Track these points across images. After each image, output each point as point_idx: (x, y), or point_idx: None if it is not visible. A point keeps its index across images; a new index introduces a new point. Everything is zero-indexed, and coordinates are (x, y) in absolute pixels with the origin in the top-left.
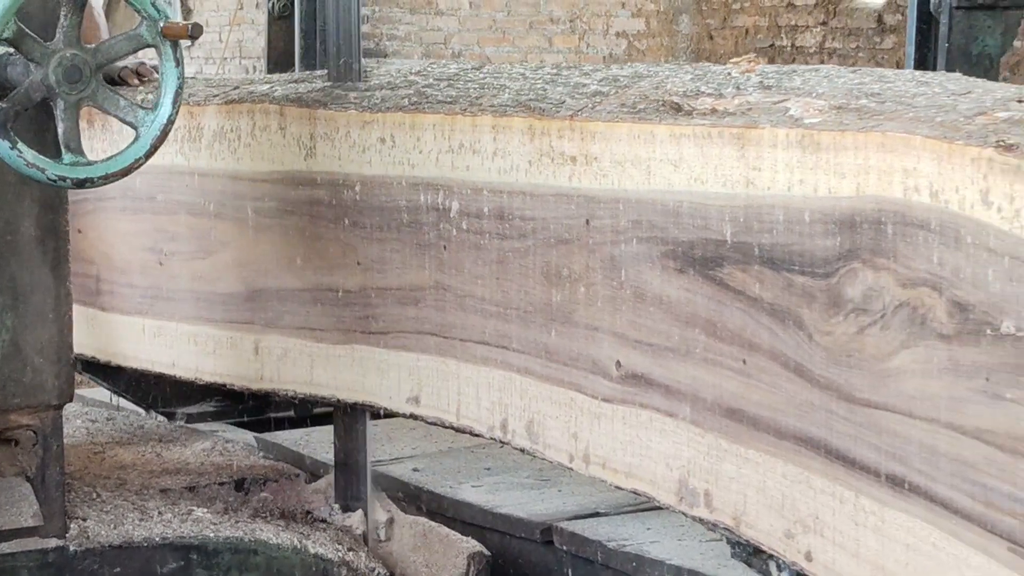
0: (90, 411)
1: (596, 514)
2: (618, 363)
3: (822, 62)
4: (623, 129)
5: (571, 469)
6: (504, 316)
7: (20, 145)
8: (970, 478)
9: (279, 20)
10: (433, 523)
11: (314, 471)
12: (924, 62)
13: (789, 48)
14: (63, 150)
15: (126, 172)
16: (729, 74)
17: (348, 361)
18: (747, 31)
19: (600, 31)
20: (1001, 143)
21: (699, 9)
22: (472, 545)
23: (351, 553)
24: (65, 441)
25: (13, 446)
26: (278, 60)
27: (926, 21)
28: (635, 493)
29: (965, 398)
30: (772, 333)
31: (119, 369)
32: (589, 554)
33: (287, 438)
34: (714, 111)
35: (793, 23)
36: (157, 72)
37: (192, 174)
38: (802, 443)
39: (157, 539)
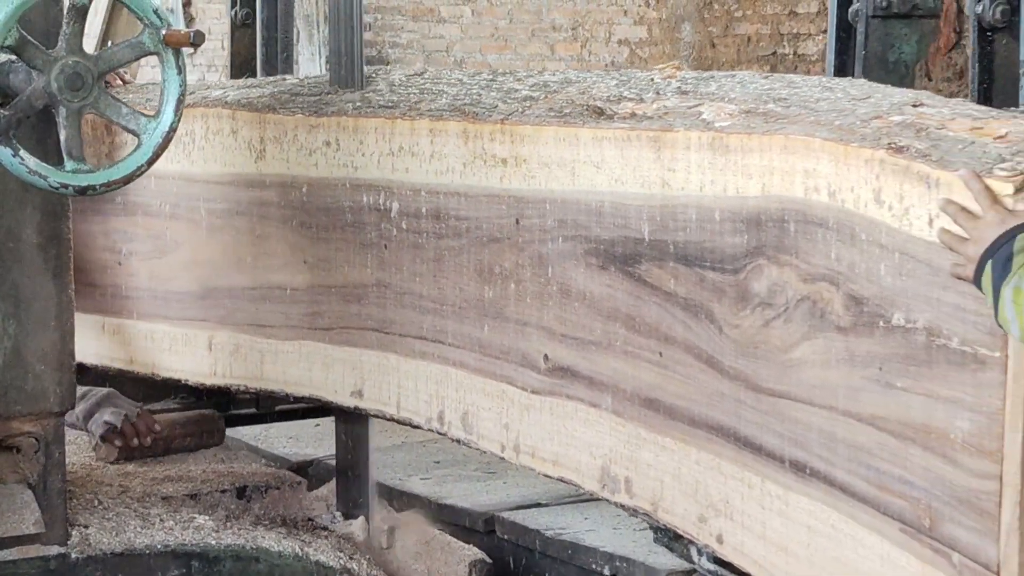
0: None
1: (537, 505)
2: (546, 356)
3: (823, 70)
4: (550, 132)
5: (503, 459)
6: (441, 312)
7: (22, 152)
8: (865, 463)
9: (241, 28)
10: (435, 531)
11: (269, 464)
12: (844, 69)
13: (791, 56)
14: (65, 157)
15: (128, 179)
16: (652, 80)
17: (296, 356)
18: (749, 39)
19: (602, 39)
20: (892, 145)
21: (701, 17)
22: (474, 553)
23: (353, 561)
24: (67, 448)
25: (15, 453)
26: (241, 66)
27: (845, 29)
28: (561, 481)
29: (860, 387)
30: (686, 326)
31: (82, 368)
32: (528, 542)
33: (246, 433)
34: (633, 115)
35: (795, 31)
36: (123, 81)
37: (149, 176)
38: (714, 431)
39: (159, 546)
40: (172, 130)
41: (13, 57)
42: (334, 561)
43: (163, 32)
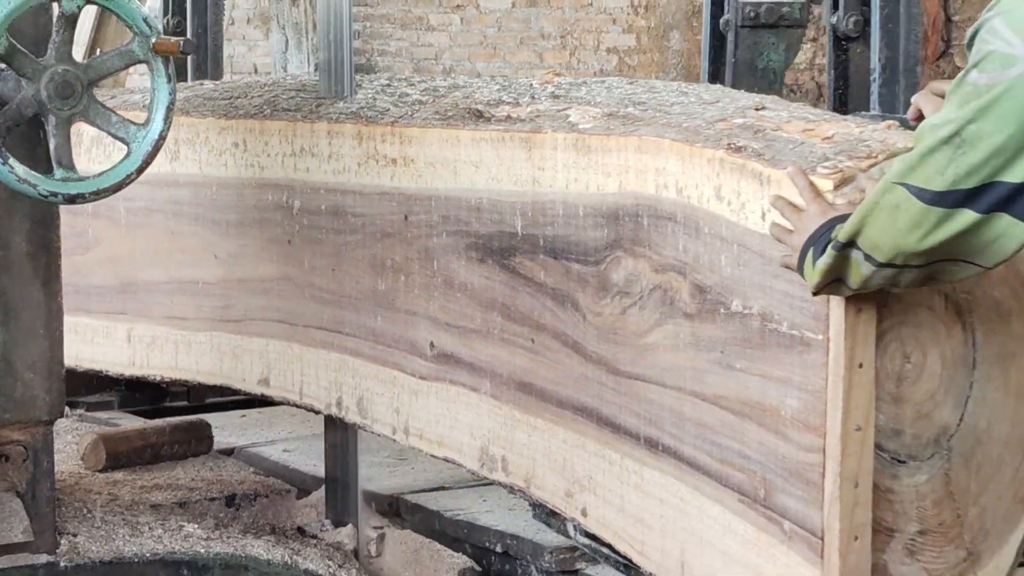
0: (80, 427)
1: (440, 488)
2: (432, 344)
3: (812, 78)
4: (434, 134)
5: (394, 440)
6: (339, 303)
7: (11, 161)
8: (709, 439)
9: (173, 35)
10: (425, 539)
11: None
12: (717, 76)
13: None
14: (55, 166)
15: (118, 188)
16: (531, 86)
17: (208, 347)
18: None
19: (591, 47)
20: (731, 145)
21: (690, 25)
22: (463, 561)
23: (342, 569)
24: (55, 456)
25: (3, 461)
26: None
27: (718, 38)
28: (446, 460)
29: (705, 369)
30: (554, 314)
31: None
32: (429, 523)
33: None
34: (509, 118)
35: None
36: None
37: None
38: (579, 412)
39: (148, 555)
40: (162, 138)
41: (2, 65)
42: (323, 569)
43: (152, 40)
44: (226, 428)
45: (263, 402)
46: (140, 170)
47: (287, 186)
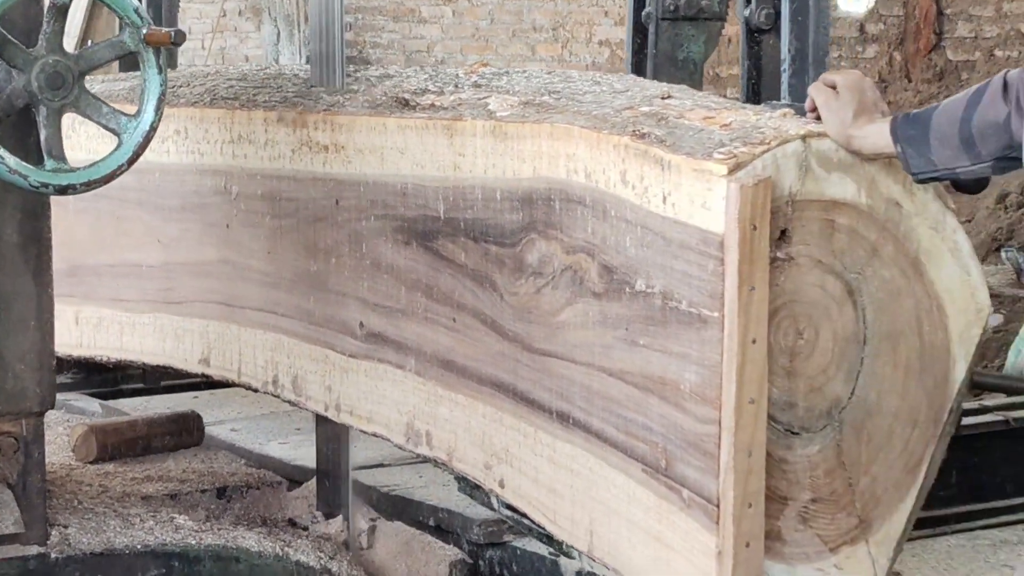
0: (71, 418)
1: (380, 465)
2: (361, 324)
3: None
4: (363, 122)
5: (327, 417)
6: (275, 285)
7: (2, 151)
8: (615, 412)
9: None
10: (416, 531)
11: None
12: (640, 67)
13: None
14: (45, 156)
15: (108, 179)
16: (456, 75)
17: (151, 328)
18: (729, 40)
19: (583, 39)
20: (636, 132)
21: None
22: (454, 553)
23: (333, 561)
24: (46, 448)
25: None
26: (131, 62)
27: (640, 31)
28: (375, 436)
29: (611, 345)
30: (474, 294)
31: None
32: (366, 497)
33: (128, 404)
34: (433, 106)
35: None
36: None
37: None
38: (496, 388)
39: (139, 546)
40: (153, 129)
41: None
42: (314, 561)
43: (144, 31)
44: (178, 409)
45: (216, 384)
46: (131, 161)
47: (226, 172)
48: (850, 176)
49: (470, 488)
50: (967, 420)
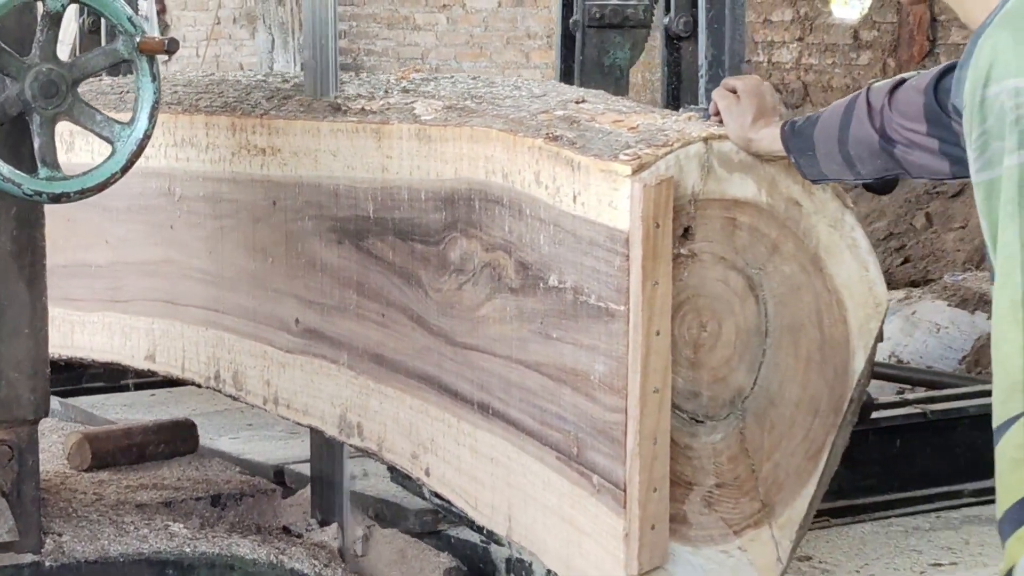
0: (65, 426)
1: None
2: (297, 320)
3: (798, 78)
4: (298, 126)
5: (266, 410)
6: (217, 283)
7: None
8: (531, 402)
9: (89, 35)
10: (411, 538)
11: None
12: (569, 74)
13: (766, 63)
14: (39, 165)
15: (103, 187)
16: (388, 81)
17: (100, 326)
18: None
19: None
20: (549, 135)
21: None
22: (448, 560)
23: (327, 568)
24: (40, 456)
25: None
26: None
27: (568, 38)
28: (310, 428)
29: (527, 338)
30: (401, 291)
31: None
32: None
33: (85, 402)
34: (363, 110)
35: (770, 39)
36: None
37: None
38: (422, 380)
39: (133, 554)
40: (147, 137)
41: None
42: (309, 568)
43: (137, 39)
44: (135, 406)
45: (172, 383)
46: (125, 169)
47: (169, 175)
48: (751, 176)
49: (402, 478)
50: (887, 412)
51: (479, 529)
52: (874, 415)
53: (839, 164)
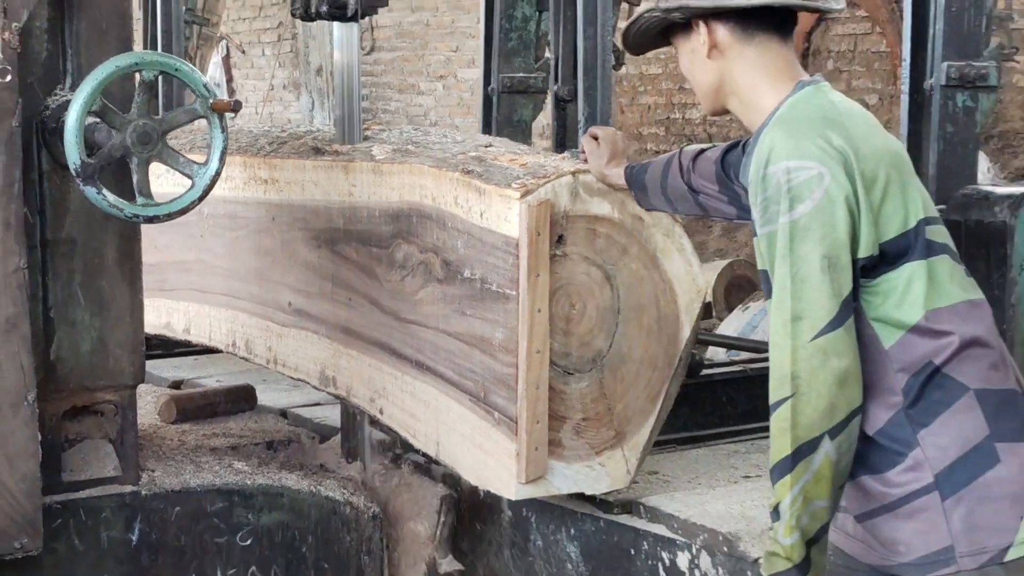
0: (157, 390)
1: (317, 404)
2: (290, 303)
3: (705, 131)
4: (290, 163)
5: (268, 368)
6: (233, 277)
7: (104, 191)
8: (453, 361)
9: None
10: (417, 474)
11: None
12: (488, 127)
13: (680, 120)
14: (137, 195)
15: (184, 211)
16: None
17: (151, 309)
18: (649, 107)
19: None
20: (464, 169)
21: (613, 91)
22: (444, 489)
23: (354, 496)
24: (138, 412)
25: (99, 416)
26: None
27: (488, 100)
28: (300, 381)
29: (450, 315)
30: (363, 282)
31: None
32: (301, 424)
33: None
34: (337, 152)
35: (684, 101)
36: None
37: None
38: (378, 346)
39: (208, 485)
40: (217, 174)
41: (98, 119)
42: (339, 496)
43: (211, 101)
44: (181, 367)
45: (207, 350)
46: (201, 198)
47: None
48: (606, 199)
49: (370, 419)
50: (720, 370)
51: (422, 453)
52: (709, 371)
53: (662, 202)
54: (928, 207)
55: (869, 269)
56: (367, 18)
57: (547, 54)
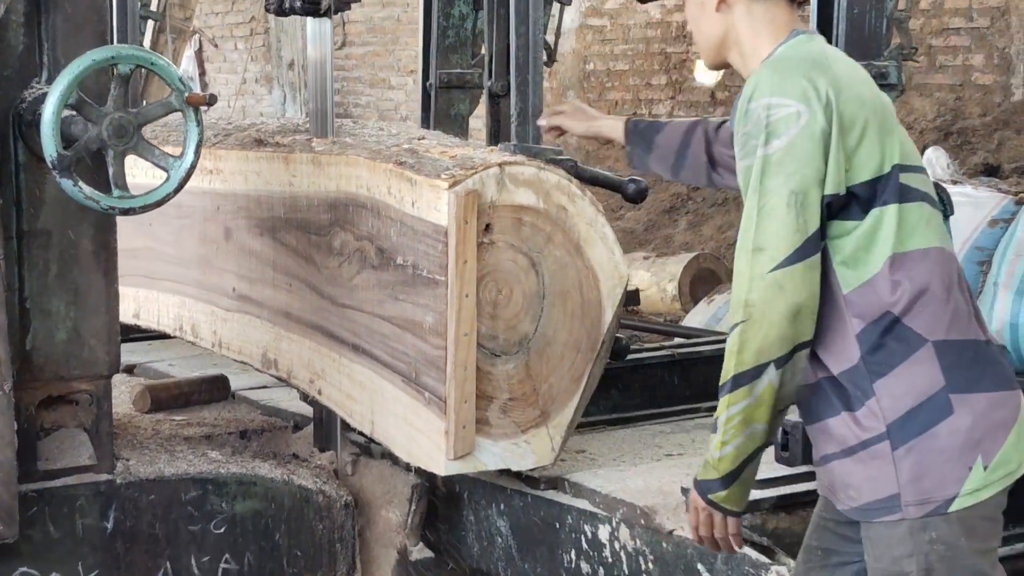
0: (131, 380)
1: (264, 387)
2: (233, 289)
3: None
4: (234, 154)
5: (214, 352)
6: (180, 263)
7: (80, 183)
8: (387, 344)
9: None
10: (388, 463)
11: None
12: (427, 121)
13: (647, 115)
14: (113, 187)
15: (159, 204)
16: (298, 124)
17: None
18: (616, 103)
19: None
20: (397, 160)
21: (582, 87)
22: (415, 478)
23: (326, 484)
24: (113, 401)
25: (75, 405)
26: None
27: (426, 95)
28: (243, 363)
29: (384, 300)
30: (303, 268)
31: None
32: (255, 406)
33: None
34: (278, 144)
35: (650, 97)
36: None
37: None
38: (317, 329)
39: (181, 474)
40: (192, 166)
41: (74, 112)
42: (312, 484)
43: (186, 95)
44: (135, 352)
45: (160, 336)
46: (176, 191)
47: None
48: (532, 189)
49: (308, 400)
50: (649, 354)
51: (360, 433)
52: (639, 355)
53: (666, 167)
54: (907, 155)
55: (837, 210)
56: (339, 13)
57: (483, 51)
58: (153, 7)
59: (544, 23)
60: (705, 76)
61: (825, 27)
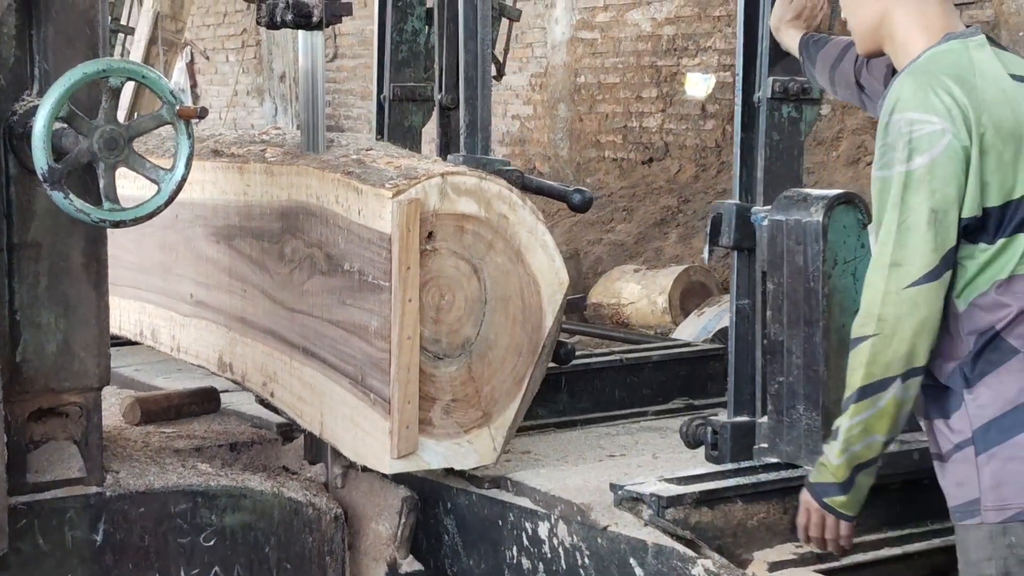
0: (121, 392)
1: (227, 390)
2: (191, 295)
3: (661, 139)
4: (194, 163)
5: (173, 356)
6: (140, 270)
7: (71, 195)
8: (335, 347)
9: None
10: (377, 476)
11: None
12: (381, 132)
13: (637, 128)
14: (103, 199)
15: (151, 216)
16: (255, 136)
17: None
18: (607, 115)
19: (500, 114)
20: (344, 171)
21: (572, 99)
22: (405, 491)
23: (316, 497)
24: (103, 414)
25: (64, 418)
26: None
27: (381, 109)
28: (200, 367)
29: (333, 304)
30: (256, 274)
31: None
32: (214, 409)
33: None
34: (233, 155)
35: (640, 110)
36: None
37: None
38: (269, 334)
39: (171, 487)
40: (183, 179)
41: (65, 125)
42: (302, 497)
43: (177, 107)
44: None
45: (127, 342)
46: (167, 203)
47: None
48: (473, 199)
49: (265, 403)
50: (598, 359)
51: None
52: (587, 360)
53: (827, 82)
54: None
55: (970, 232)
56: (330, 26)
57: (435, 65)
58: (124, 20)
59: (493, 39)
60: (696, 89)
61: (750, 45)
